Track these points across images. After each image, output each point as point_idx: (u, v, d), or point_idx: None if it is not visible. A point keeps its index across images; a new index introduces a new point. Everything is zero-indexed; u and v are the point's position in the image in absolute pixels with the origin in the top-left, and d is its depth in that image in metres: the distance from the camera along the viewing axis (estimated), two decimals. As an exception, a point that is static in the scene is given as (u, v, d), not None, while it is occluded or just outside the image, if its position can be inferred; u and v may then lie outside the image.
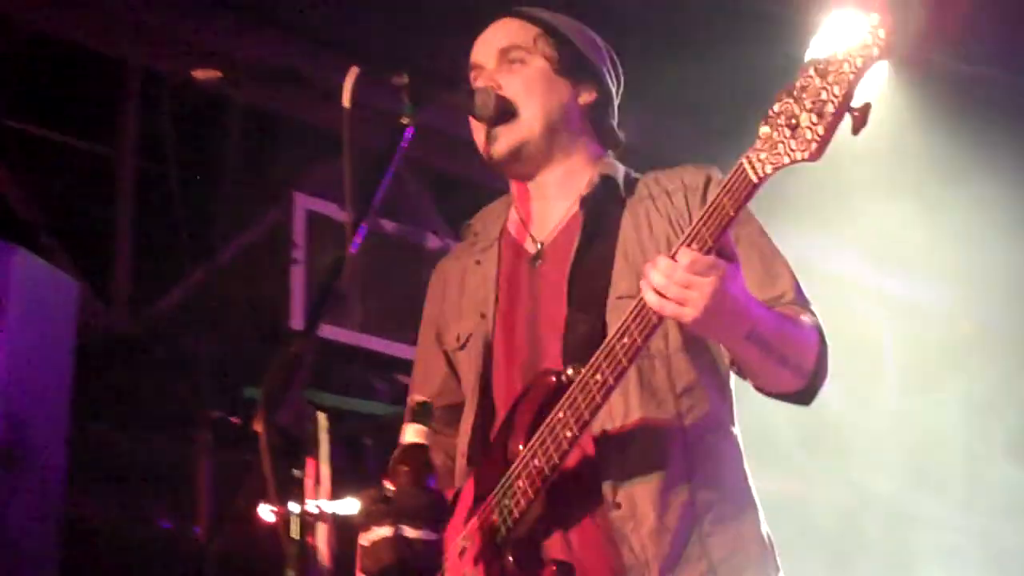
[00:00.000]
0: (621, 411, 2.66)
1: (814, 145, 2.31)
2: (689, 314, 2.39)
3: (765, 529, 2.74)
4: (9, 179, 5.06)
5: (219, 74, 3.27)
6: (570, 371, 2.62)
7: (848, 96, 2.28)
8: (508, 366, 2.82)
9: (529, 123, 2.85)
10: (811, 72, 2.33)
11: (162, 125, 5.08)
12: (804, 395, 2.69)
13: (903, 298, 7.82)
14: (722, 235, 2.41)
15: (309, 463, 2.32)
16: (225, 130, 5.50)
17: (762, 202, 2.46)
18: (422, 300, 3.18)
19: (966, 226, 6.72)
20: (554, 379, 2.64)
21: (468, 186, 5.46)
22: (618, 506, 2.61)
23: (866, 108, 2.29)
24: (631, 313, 2.48)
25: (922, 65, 5.81)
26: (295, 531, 2.26)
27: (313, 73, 5.24)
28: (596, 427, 2.63)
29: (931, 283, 7.70)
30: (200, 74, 3.11)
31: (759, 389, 2.71)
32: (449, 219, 5.77)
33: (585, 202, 2.82)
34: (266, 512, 2.25)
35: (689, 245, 2.41)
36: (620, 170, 2.93)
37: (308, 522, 2.26)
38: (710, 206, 2.41)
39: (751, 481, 2.77)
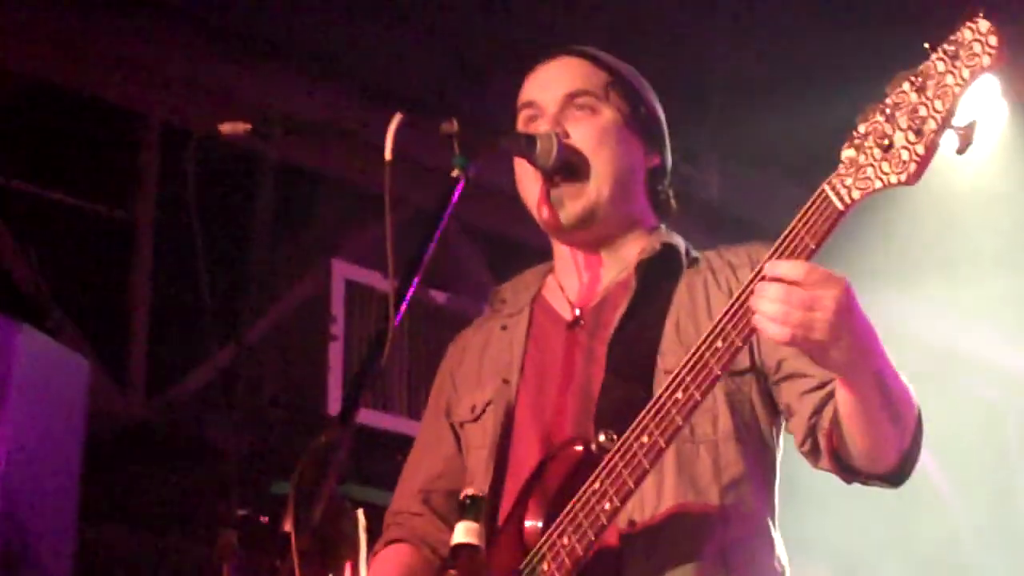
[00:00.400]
0: (653, 500, 2.63)
1: (912, 166, 2.27)
2: (817, 338, 2.32)
3: None
4: (15, 248, 5.09)
5: (249, 127, 3.26)
6: (602, 438, 2.58)
7: (951, 111, 2.25)
8: (529, 440, 2.79)
9: (599, 184, 2.82)
10: (905, 87, 2.30)
11: (185, 186, 5.10)
12: (895, 476, 2.58)
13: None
14: (814, 243, 2.37)
15: (347, 568, 2.30)
16: (256, 190, 5.53)
17: (856, 264, 2.43)
18: None
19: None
20: (582, 448, 2.61)
21: (527, 250, 5.43)
22: None
23: (972, 126, 2.26)
24: (686, 366, 2.45)
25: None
26: (329, 647, 2.23)
27: (353, 124, 5.27)
28: (622, 517, 2.59)
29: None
30: (228, 128, 3.11)
31: (847, 465, 2.60)
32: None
33: (640, 267, 2.80)
34: (296, 625, 2.23)
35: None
36: (682, 242, 2.91)
37: (344, 638, 2.25)
38: (784, 239, 2.38)
39: None
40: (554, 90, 2.90)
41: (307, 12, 5.33)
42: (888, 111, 2.31)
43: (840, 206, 2.35)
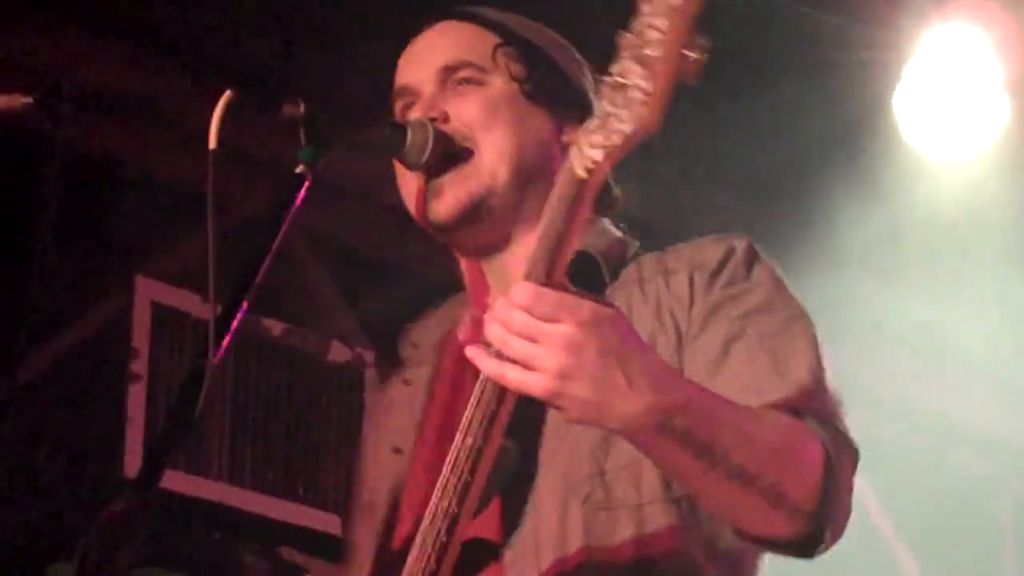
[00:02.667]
0: None
1: (644, 109, 2.25)
2: (537, 383, 2.30)
3: None
4: None
5: (30, 100, 3.27)
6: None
7: (678, 28, 2.22)
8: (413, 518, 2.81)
9: (490, 167, 2.84)
10: (644, 8, 2.27)
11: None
12: (802, 546, 2.59)
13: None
14: (559, 259, 2.37)
15: None
16: (39, 184, 5.48)
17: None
18: (318, 438, 3.20)
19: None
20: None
21: (394, 272, 5.46)
22: None
23: (701, 47, 2.23)
24: (472, 402, 2.47)
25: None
26: None
27: (169, 103, 5.25)
28: None
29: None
30: (2, 100, 3.12)
31: (736, 532, 2.62)
32: (365, 319, 5.75)
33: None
34: None
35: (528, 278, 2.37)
36: (612, 243, 2.93)
37: None
38: (542, 227, 2.40)
39: None
40: (428, 66, 2.93)
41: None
42: (629, 41, 2.29)
43: (582, 174, 2.36)
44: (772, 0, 5.52)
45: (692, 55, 2.24)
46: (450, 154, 2.82)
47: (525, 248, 2.73)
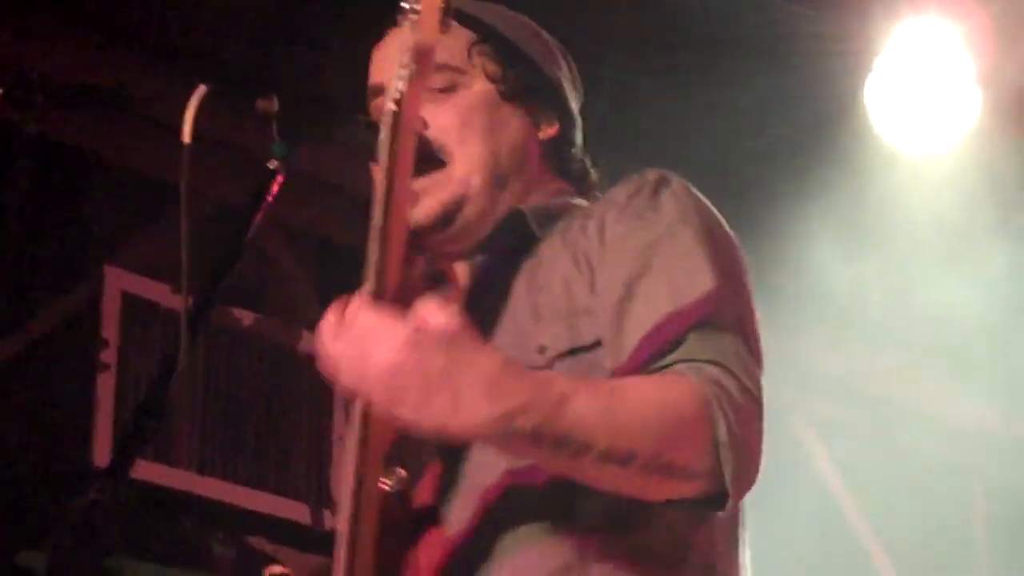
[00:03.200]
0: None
1: (418, 24, 2.41)
2: (369, 394, 2.31)
3: None
4: None
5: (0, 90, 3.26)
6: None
7: None
8: None
9: (464, 176, 2.81)
10: None
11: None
12: (709, 502, 2.53)
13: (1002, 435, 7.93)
14: (388, 262, 2.42)
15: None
16: (8, 173, 5.46)
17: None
18: (288, 428, 3.19)
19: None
20: None
21: (357, 261, 5.45)
22: None
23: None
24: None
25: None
26: None
27: (141, 94, 5.24)
28: None
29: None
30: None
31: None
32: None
33: (481, 249, 2.82)
34: None
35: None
36: (554, 201, 2.90)
37: None
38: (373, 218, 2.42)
39: None
40: None
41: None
42: None
43: (392, 106, 2.42)
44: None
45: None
46: (427, 158, 2.79)
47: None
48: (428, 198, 2.80)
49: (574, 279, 2.70)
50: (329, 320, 2.34)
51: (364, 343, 2.28)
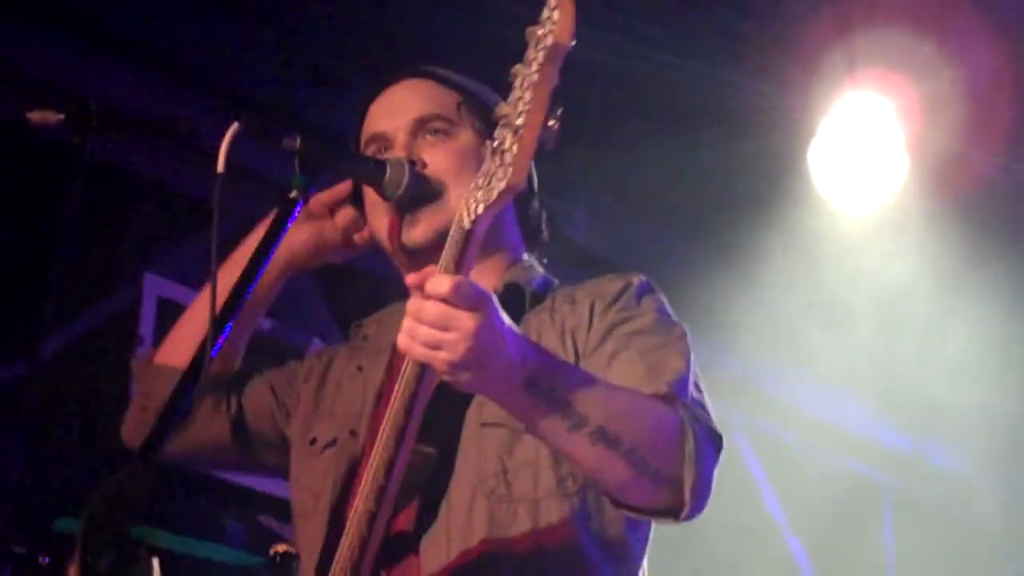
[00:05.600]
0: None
1: (511, 170, 2.34)
2: (448, 355, 2.34)
3: None
4: None
5: (61, 117, 3.26)
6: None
7: (538, 102, 2.32)
8: None
9: (457, 207, 2.85)
10: (516, 83, 2.38)
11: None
12: (668, 512, 2.61)
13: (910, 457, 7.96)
14: (465, 255, 2.43)
15: (135, 623, 2.30)
16: (64, 191, 5.45)
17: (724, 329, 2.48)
18: None
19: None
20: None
21: (367, 279, 5.46)
22: None
23: (558, 115, 2.34)
24: (387, 420, 2.53)
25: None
26: None
27: (184, 125, 5.23)
28: None
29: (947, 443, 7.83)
30: (37, 116, 3.11)
31: (614, 503, 2.65)
32: (341, 319, 5.75)
33: None
34: None
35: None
36: (535, 277, 3.00)
37: None
38: (441, 263, 2.45)
39: None
40: (403, 117, 2.98)
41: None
42: (504, 110, 2.38)
43: (467, 224, 2.42)
44: (704, 70, 5.55)
45: (552, 123, 2.33)
46: (426, 193, 2.88)
47: (475, 272, 2.74)
48: (427, 223, 2.88)
49: (559, 352, 2.79)
50: (412, 306, 2.37)
51: (438, 327, 2.32)
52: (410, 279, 2.36)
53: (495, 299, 2.38)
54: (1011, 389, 7.21)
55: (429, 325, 2.32)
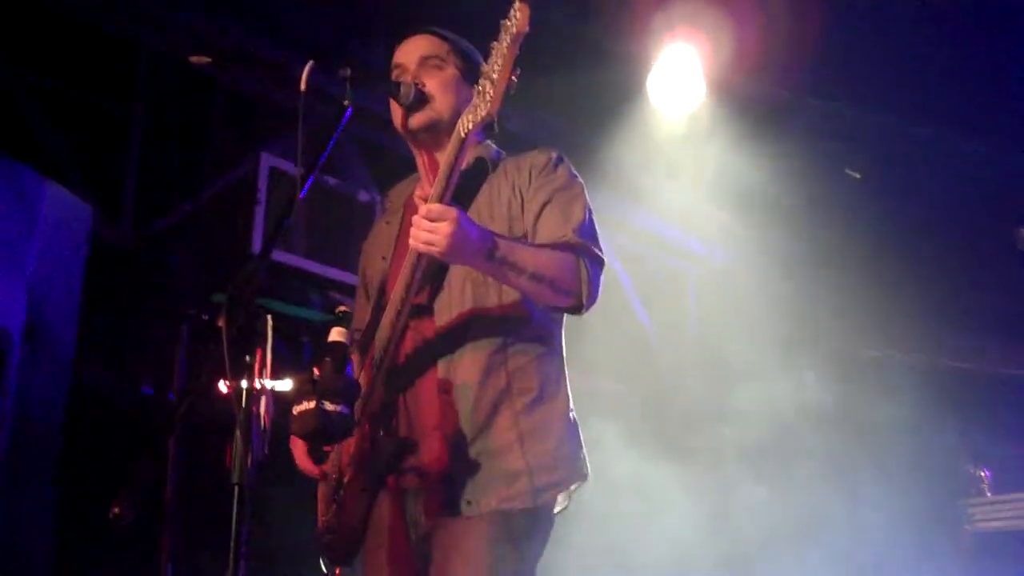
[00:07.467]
0: (454, 321, 2.69)
1: (490, 104, 2.43)
2: (437, 248, 2.47)
3: (572, 414, 2.76)
4: (46, 126, 4.85)
5: (209, 60, 3.16)
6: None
7: (506, 65, 2.40)
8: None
9: (440, 109, 2.85)
10: (494, 51, 2.44)
11: (166, 95, 4.96)
12: (575, 308, 2.69)
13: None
14: (449, 186, 2.53)
15: (257, 352, 2.31)
16: (213, 102, 5.34)
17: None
18: (352, 237, 3.20)
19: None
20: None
21: (392, 154, 5.39)
22: (448, 382, 2.65)
23: (517, 72, 2.41)
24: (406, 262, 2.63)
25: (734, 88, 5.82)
26: (244, 402, 2.24)
27: (279, 63, 5.12)
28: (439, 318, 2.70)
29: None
30: (196, 59, 3.01)
31: (543, 305, 2.71)
32: (376, 179, 5.67)
33: (462, 176, 2.80)
34: (223, 387, 2.25)
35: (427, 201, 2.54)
36: (493, 153, 2.94)
37: (254, 395, 2.25)
38: (442, 165, 2.55)
39: (567, 381, 2.78)
40: (413, 55, 2.91)
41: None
42: (486, 68, 2.46)
43: (463, 134, 2.53)
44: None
45: (514, 78, 2.40)
46: (422, 101, 2.83)
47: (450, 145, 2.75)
48: (423, 115, 2.84)
49: (512, 200, 2.78)
50: (417, 219, 2.50)
51: (439, 219, 2.48)
52: (419, 210, 2.51)
53: (461, 211, 2.48)
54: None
55: (425, 230, 2.45)
